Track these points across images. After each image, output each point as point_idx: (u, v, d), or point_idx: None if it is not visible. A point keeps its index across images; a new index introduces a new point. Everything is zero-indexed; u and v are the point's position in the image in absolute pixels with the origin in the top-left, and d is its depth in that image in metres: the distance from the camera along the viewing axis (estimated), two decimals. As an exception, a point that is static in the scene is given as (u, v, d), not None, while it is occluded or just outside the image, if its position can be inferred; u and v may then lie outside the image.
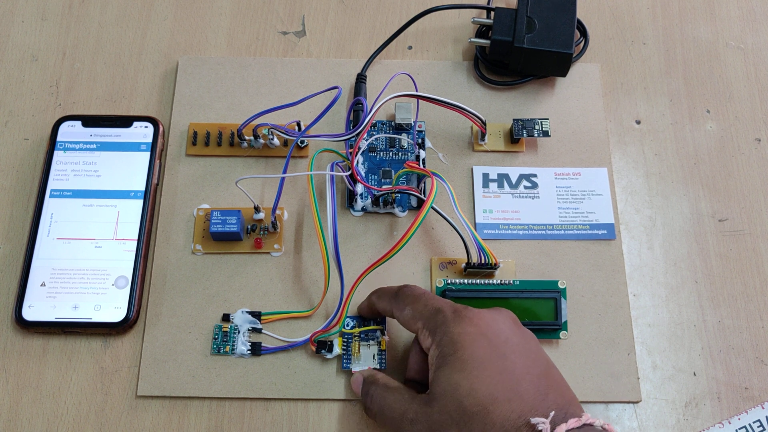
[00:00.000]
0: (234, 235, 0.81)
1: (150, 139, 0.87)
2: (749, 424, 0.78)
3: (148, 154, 0.86)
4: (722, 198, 0.88)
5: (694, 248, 0.85)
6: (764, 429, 0.77)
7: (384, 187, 0.84)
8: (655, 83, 0.93)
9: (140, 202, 0.84)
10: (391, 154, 0.87)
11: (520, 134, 0.86)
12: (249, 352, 0.78)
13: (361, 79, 0.90)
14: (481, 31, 0.94)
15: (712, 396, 0.79)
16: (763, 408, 0.78)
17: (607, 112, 0.91)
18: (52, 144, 0.86)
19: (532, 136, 0.86)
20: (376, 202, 0.83)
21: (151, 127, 0.87)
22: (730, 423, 0.78)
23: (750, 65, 0.95)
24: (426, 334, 0.68)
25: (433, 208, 0.77)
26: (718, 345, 0.81)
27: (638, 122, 0.91)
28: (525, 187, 0.86)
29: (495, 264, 0.79)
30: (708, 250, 0.85)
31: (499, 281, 0.80)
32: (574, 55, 0.89)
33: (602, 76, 0.93)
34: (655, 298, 0.83)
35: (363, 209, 0.84)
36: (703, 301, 0.83)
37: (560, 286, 0.80)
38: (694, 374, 0.80)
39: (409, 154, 0.87)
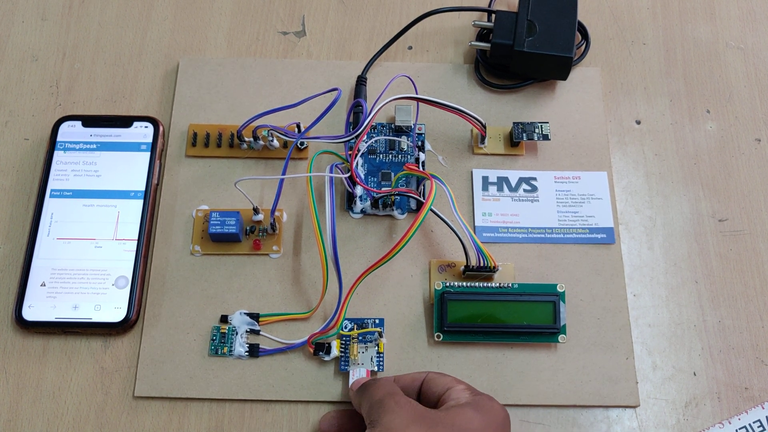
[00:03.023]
0: (233, 236, 0.81)
1: (150, 140, 0.87)
2: (749, 425, 0.78)
3: (148, 154, 0.86)
4: (722, 198, 0.87)
5: (694, 248, 0.85)
6: (764, 429, 0.77)
7: (383, 189, 0.84)
8: (655, 83, 0.93)
9: (140, 202, 0.84)
10: (390, 156, 0.87)
11: (520, 137, 0.86)
12: (247, 353, 0.78)
13: (361, 81, 0.90)
14: (482, 34, 0.94)
15: (712, 396, 0.79)
16: (763, 408, 0.78)
17: (607, 113, 0.91)
18: (52, 144, 0.87)
19: (532, 139, 0.86)
20: (375, 204, 0.83)
21: (151, 127, 0.87)
22: (730, 423, 0.78)
23: (750, 65, 0.95)
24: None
25: (432, 210, 0.77)
26: (718, 345, 0.81)
27: (638, 122, 0.91)
28: (524, 190, 0.86)
29: (494, 267, 0.79)
30: (708, 250, 0.85)
31: (497, 284, 0.80)
32: (574, 59, 0.89)
33: (602, 76, 0.93)
34: (655, 298, 0.83)
35: (362, 211, 0.84)
36: (703, 301, 0.83)
37: (559, 289, 0.80)
38: (694, 374, 0.80)
39: (409, 156, 0.87)
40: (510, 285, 0.80)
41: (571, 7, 0.89)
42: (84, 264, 0.81)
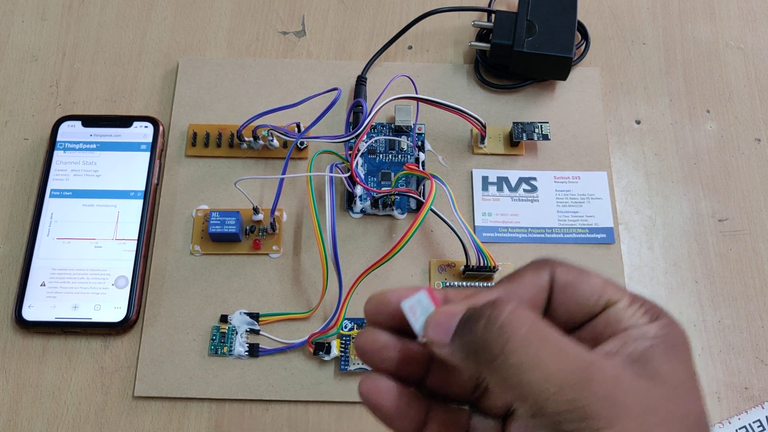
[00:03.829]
0: (233, 236, 0.81)
1: (150, 139, 0.87)
2: (749, 424, 0.78)
3: (148, 154, 0.86)
4: (722, 198, 0.87)
5: (694, 248, 0.85)
6: (764, 429, 0.77)
7: (383, 189, 0.84)
8: (655, 83, 0.93)
9: (140, 202, 0.84)
10: (390, 156, 0.87)
11: (520, 137, 0.86)
12: (246, 353, 0.78)
13: (361, 81, 0.90)
14: (482, 34, 0.94)
15: (712, 396, 0.79)
16: (763, 408, 0.78)
17: (607, 112, 0.91)
18: (52, 144, 0.87)
19: (532, 139, 0.86)
20: (375, 204, 0.83)
21: (150, 127, 0.87)
22: (730, 423, 0.78)
23: (750, 65, 0.95)
24: None
25: (432, 210, 0.77)
26: (718, 345, 0.81)
27: (638, 122, 0.91)
28: (524, 190, 0.86)
29: (494, 267, 0.79)
30: (708, 250, 0.85)
31: (497, 284, 0.80)
32: (574, 59, 0.89)
33: (602, 76, 0.93)
34: (655, 298, 0.81)
35: (362, 211, 0.84)
36: (703, 301, 0.83)
37: (559, 288, 0.80)
38: (694, 374, 0.80)
39: (409, 156, 0.87)
40: (510, 285, 0.80)
41: (570, 7, 0.89)
42: (84, 264, 0.81)
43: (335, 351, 0.77)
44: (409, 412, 0.47)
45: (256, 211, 0.82)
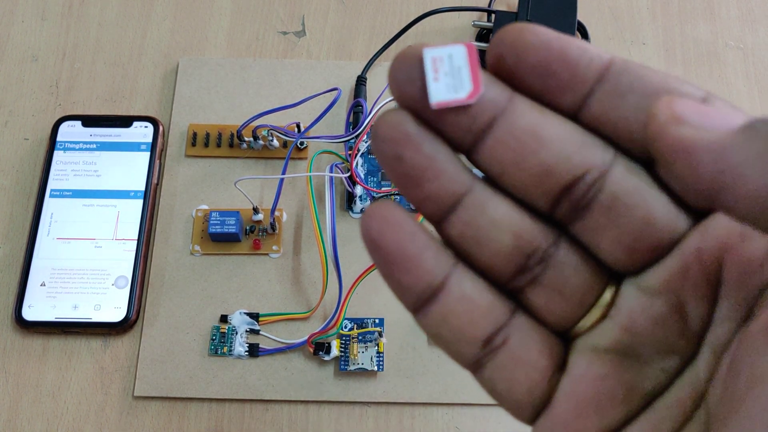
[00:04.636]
0: (233, 236, 0.81)
1: (150, 139, 0.87)
2: (748, 424, 0.77)
3: (148, 154, 0.86)
4: (722, 198, 0.87)
5: (694, 249, 0.85)
6: (763, 429, 0.77)
7: (383, 189, 0.84)
8: (656, 83, 0.93)
9: (140, 202, 0.84)
10: (390, 155, 0.87)
11: (520, 137, 0.86)
12: (246, 353, 0.78)
13: (361, 81, 0.90)
14: (482, 34, 0.94)
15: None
16: (762, 408, 0.78)
17: (607, 113, 0.91)
18: (52, 144, 0.86)
19: (532, 138, 0.85)
20: (375, 203, 0.83)
21: (151, 127, 0.87)
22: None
23: (750, 65, 0.94)
24: None
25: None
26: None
27: (638, 122, 0.91)
28: (524, 189, 0.86)
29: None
30: (708, 251, 0.85)
31: (497, 283, 0.80)
32: (574, 58, 0.89)
33: (602, 76, 0.93)
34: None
35: (362, 211, 0.84)
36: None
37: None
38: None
39: (409, 155, 0.87)
40: (510, 284, 0.80)
41: (570, 7, 0.89)
42: (84, 264, 0.81)
43: (335, 351, 0.77)
44: (427, 260, 0.33)
45: (256, 211, 0.82)
